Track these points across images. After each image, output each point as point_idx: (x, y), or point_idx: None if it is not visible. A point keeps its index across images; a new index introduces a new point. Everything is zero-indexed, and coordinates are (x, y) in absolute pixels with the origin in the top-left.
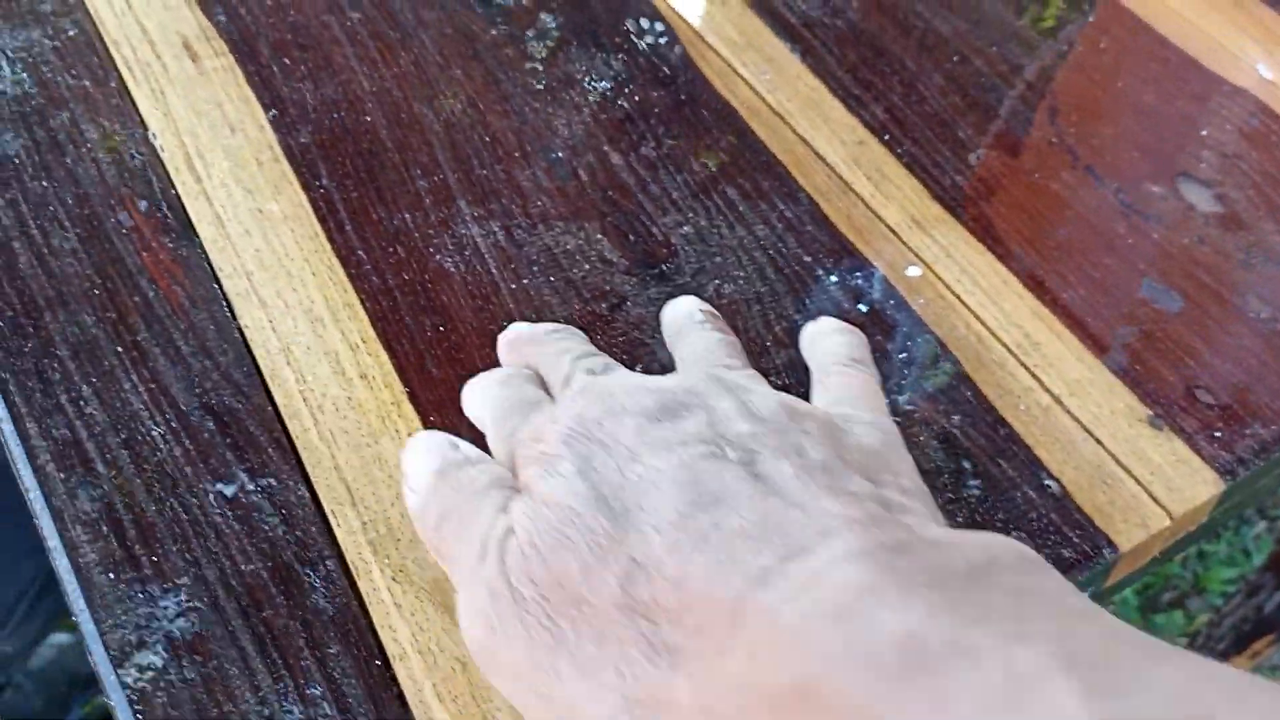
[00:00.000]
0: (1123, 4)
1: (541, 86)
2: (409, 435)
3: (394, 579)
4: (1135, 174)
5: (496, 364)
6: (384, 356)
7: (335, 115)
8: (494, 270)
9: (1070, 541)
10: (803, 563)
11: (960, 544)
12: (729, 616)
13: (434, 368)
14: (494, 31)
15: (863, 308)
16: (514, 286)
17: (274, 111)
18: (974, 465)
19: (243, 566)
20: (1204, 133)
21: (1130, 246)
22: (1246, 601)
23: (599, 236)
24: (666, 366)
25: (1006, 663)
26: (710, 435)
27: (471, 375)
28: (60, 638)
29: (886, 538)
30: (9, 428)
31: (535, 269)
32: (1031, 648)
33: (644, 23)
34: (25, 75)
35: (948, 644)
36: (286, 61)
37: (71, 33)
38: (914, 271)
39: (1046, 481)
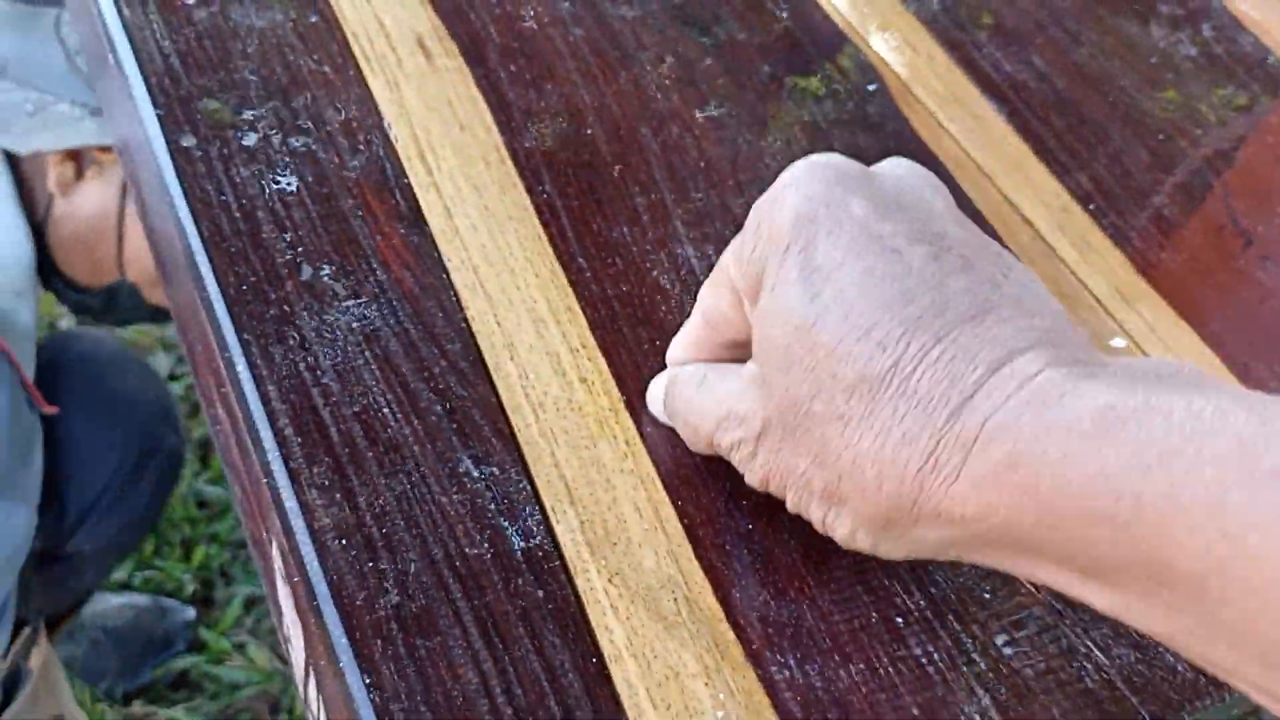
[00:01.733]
0: None
1: (753, 119)
2: (626, 443)
3: (610, 581)
4: None
5: None
6: (602, 363)
7: (558, 125)
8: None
9: None
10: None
11: (1146, 363)
12: (951, 418)
13: (650, 380)
14: (708, 61)
15: None
16: None
17: (501, 115)
18: None
19: (467, 550)
20: None
21: None
22: None
23: None
24: None
25: (1188, 405)
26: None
27: None
28: (140, 600)
29: (1081, 355)
30: (251, 389)
31: None
32: (1210, 398)
33: (854, 69)
34: (271, 56)
35: (1140, 405)
36: (512, 68)
37: (313, 19)
38: (1119, 343)
39: None
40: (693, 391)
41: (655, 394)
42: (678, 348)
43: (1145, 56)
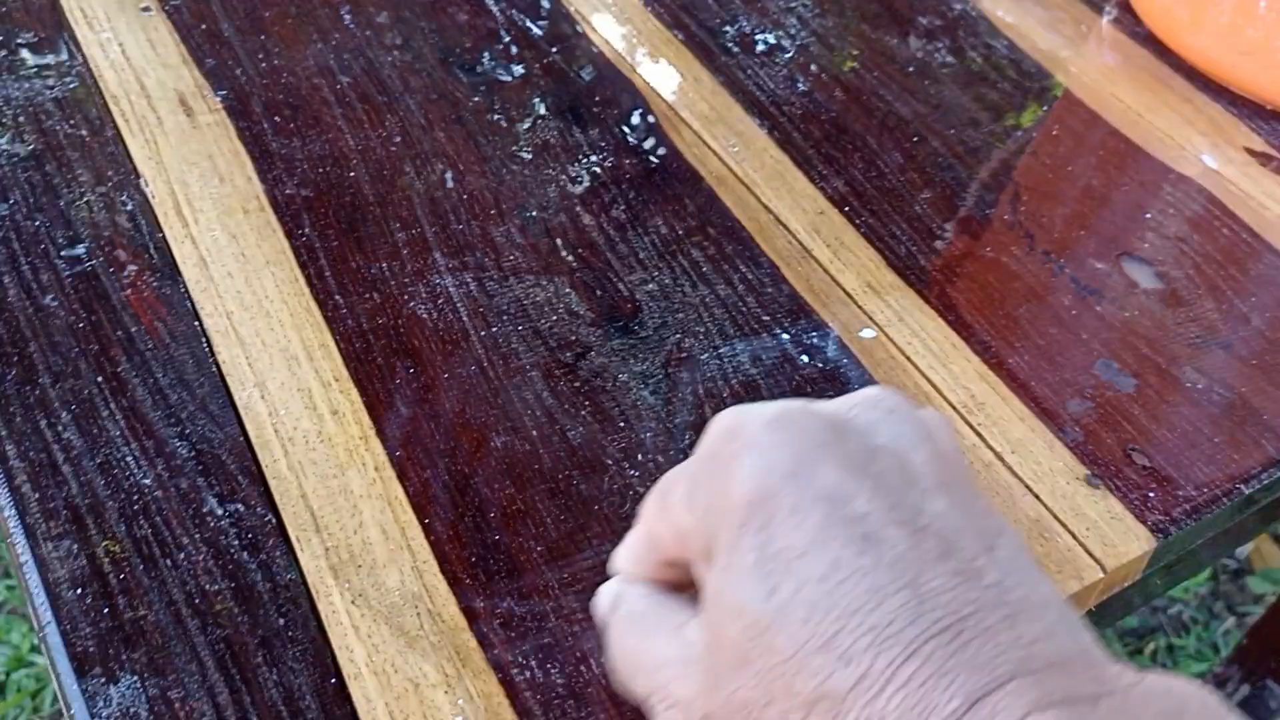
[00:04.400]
0: (1077, 96)
1: (518, 151)
2: (375, 469)
3: (353, 603)
4: (1083, 252)
5: (465, 402)
6: (355, 394)
7: (321, 170)
8: (465, 318)
9: None
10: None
11: (1148, 692)
12: None
13: (403, 406)
14: (476, 99)
15: (818, 365)
16: (483, 333)
17: (263, 164)
18: None
19: (207, 587)
20: (1148, 216)
21: (1075, 318)
22: None
23: (567, 290)
24: (625, 412)
25: None
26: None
27: (439, 416)
28: None
29: (1071, 686)
30: None
31: (505, 318)
32: None
33: (620, 98)
34: (26, 123)
35: None
36: (277, 119)
37: (73, 85)
38: (868, 334)
39: None
40: (633, 641)
41: (602, 603)
42: (620, 557)
43: (903, 66)
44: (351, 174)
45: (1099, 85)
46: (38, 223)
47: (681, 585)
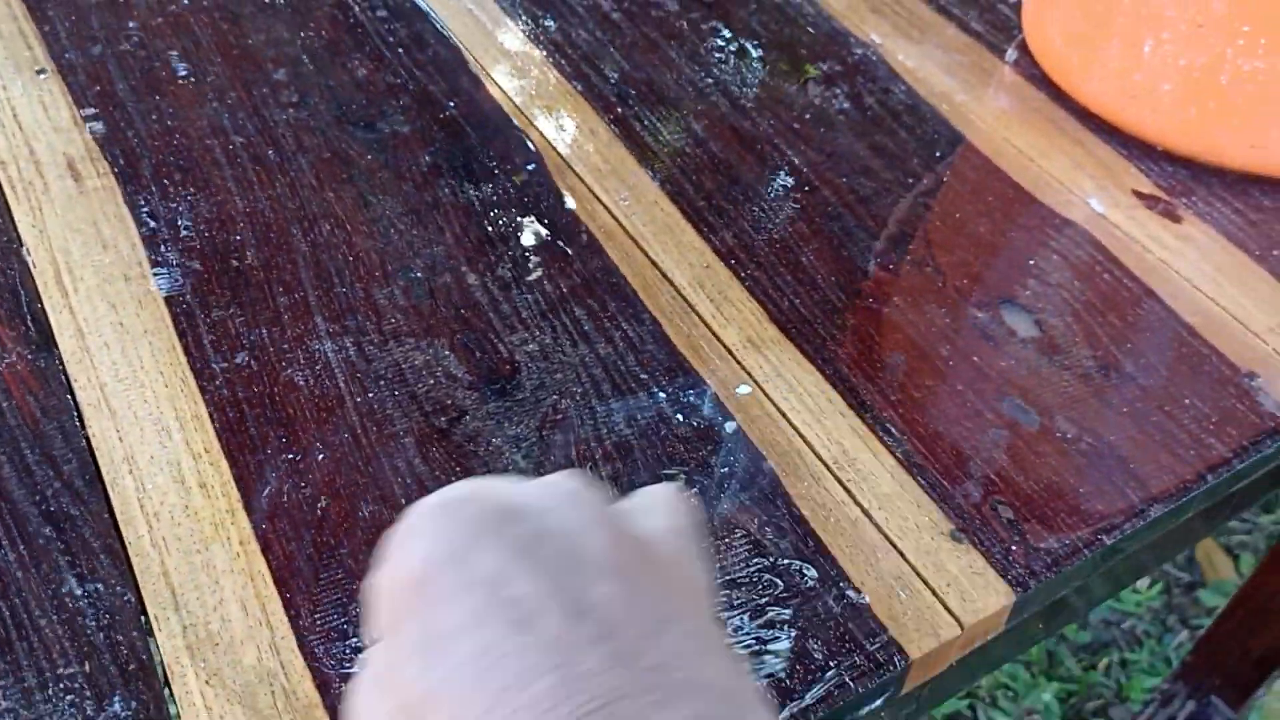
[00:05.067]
0: (972, 142)
1: (409, 209)
2: (240, 543)
3: (207, 682)
4: (965, 301)
5: (336, 471)
6: (225, 466)
7: (207, 234)
8: (341, 384)
9: (864, 649)
10: None
11: None
12: None
13: (272, 477)
14: (369, 157)
15: (692, 424)
16: (359, 400)
17: (148, 229)
18: (780, 575)
19: (61, 670)
20: (1032, 263)
21: (952, 368)
22: (1161, 710)
23: (447, 353)
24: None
25: None
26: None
27: (308, 486)
28: None
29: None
30: None
31: (382, 383)
32: None
33: (515, 152)
34: None
35: None
36: (165, 183)
37: None
38: (744, 390)
39: (848, 591)
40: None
41: None
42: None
43: (800, 113)
44: (238, 237)
45: (994, 130)
46: None
47: None
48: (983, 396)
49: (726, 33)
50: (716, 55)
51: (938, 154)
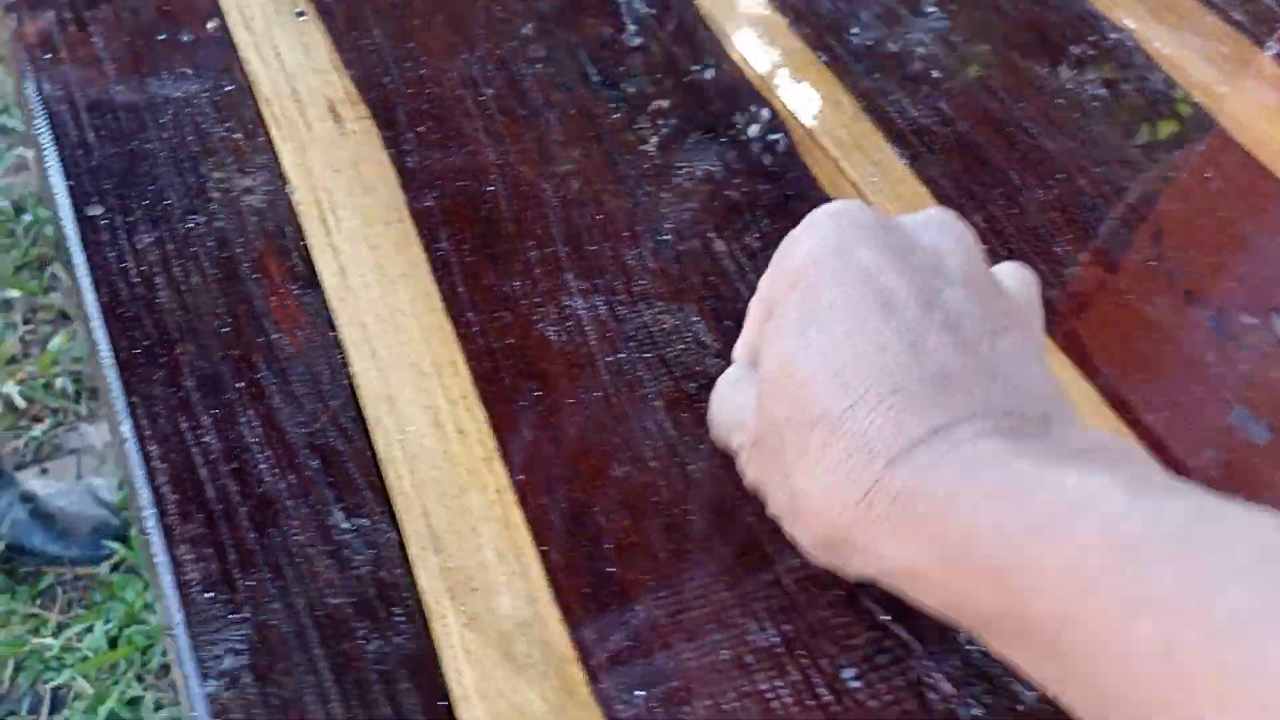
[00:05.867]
0: (1231, 136)
1: (655, 171)
2: (496, 491)
3: (466, 625)
4: (1230, 303)
5: (588, 428)
6: (480, 414)
7: (460, 183)
8: (593, 342)
9: None
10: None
11: (1076, 435)
12: (887, 467)
13: (526, 429)
14: (615, 115)
15: None
16: (609, 359)
17: (405, 175)
18: None
19: (329, 599)
20: None
21: (1219, 375)
22: None
23: (695, 318)
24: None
25: (1080, 480)
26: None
27: (562, 441)
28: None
29: (1027, 426)
30: (133, 449)
31: (632, 344)
32: (1105, 475)
33: (758, 118)
34: (184, 123)
35: (1040, 477)
36: (420, 129)
37: (228, 88)
38: None
39: None
40: (725, 390)
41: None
42: (737, 349)
43: (1051, 98)
44: (490, 189)
45: (1256, 125)
46: (190, 225)
47: None
48: (1253, 406)
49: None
50: (966, 33)
51: (1198, 148)
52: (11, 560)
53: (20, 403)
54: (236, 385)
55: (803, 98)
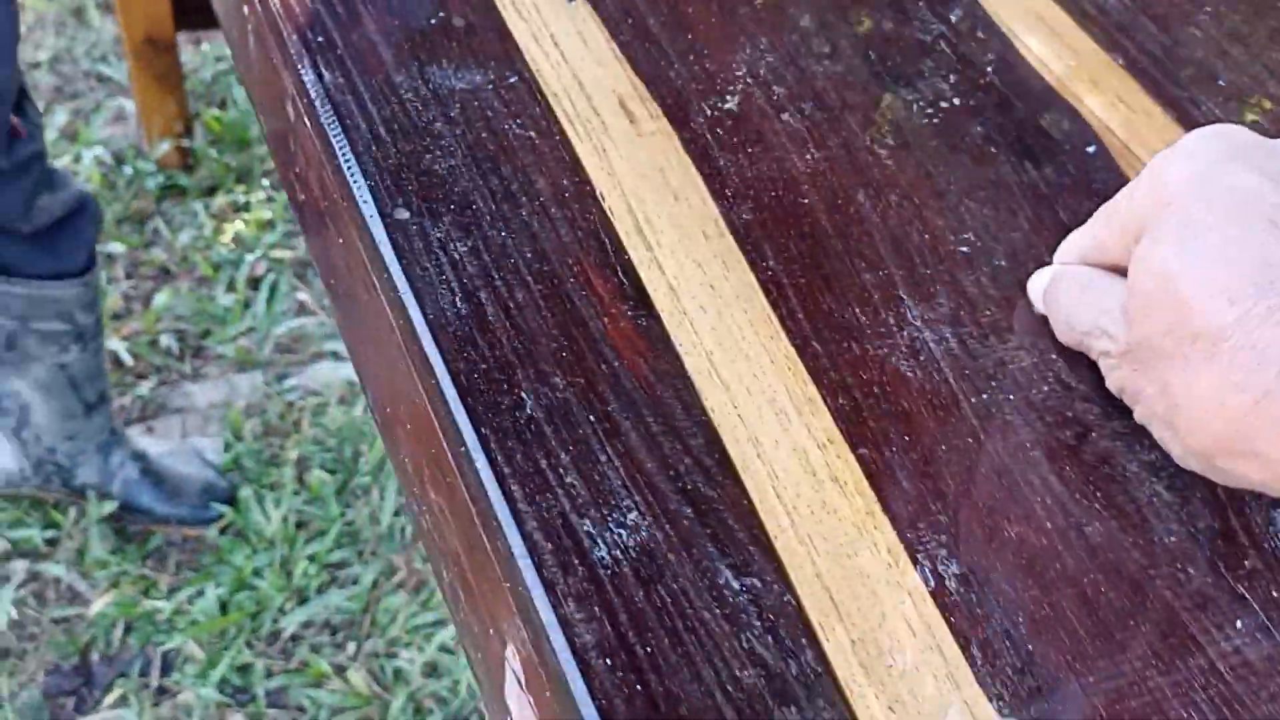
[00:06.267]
0: None
1: (970, 183)
2: (888, 551)
3: (890, 708)
4: None
5: (969, 481)
6: (852, 460)
7: (773, 193)
8: (952, 381)
9: None
10: None
11: None
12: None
13: (905, 480)
14: (920, 121)
15: None
16: (974, 401)
17: (714, 183)
18: None
19: (738, 672)
20: None
21: None
22: None
23: (1054, 356)
24: (1142, 509)
25: None
26: None
27: (944, 496)
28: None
29: None
30: (494, 489)
31: (993, 384)
32: None
33: (1071, 130)
34: (474, 118)
35: None
36: (719, 131)
37: (512, 80)
38: None
39: None
40: (1077, 293)
41: (1037, 286)
42: (1068, 251)
43: None
44: (804, 200)
45: None
46: (504, 234)
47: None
48: None
49: None
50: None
51: None
52: (120, 519)
53: (128, 359)
54: (589, 418)
55: (1110, 104)
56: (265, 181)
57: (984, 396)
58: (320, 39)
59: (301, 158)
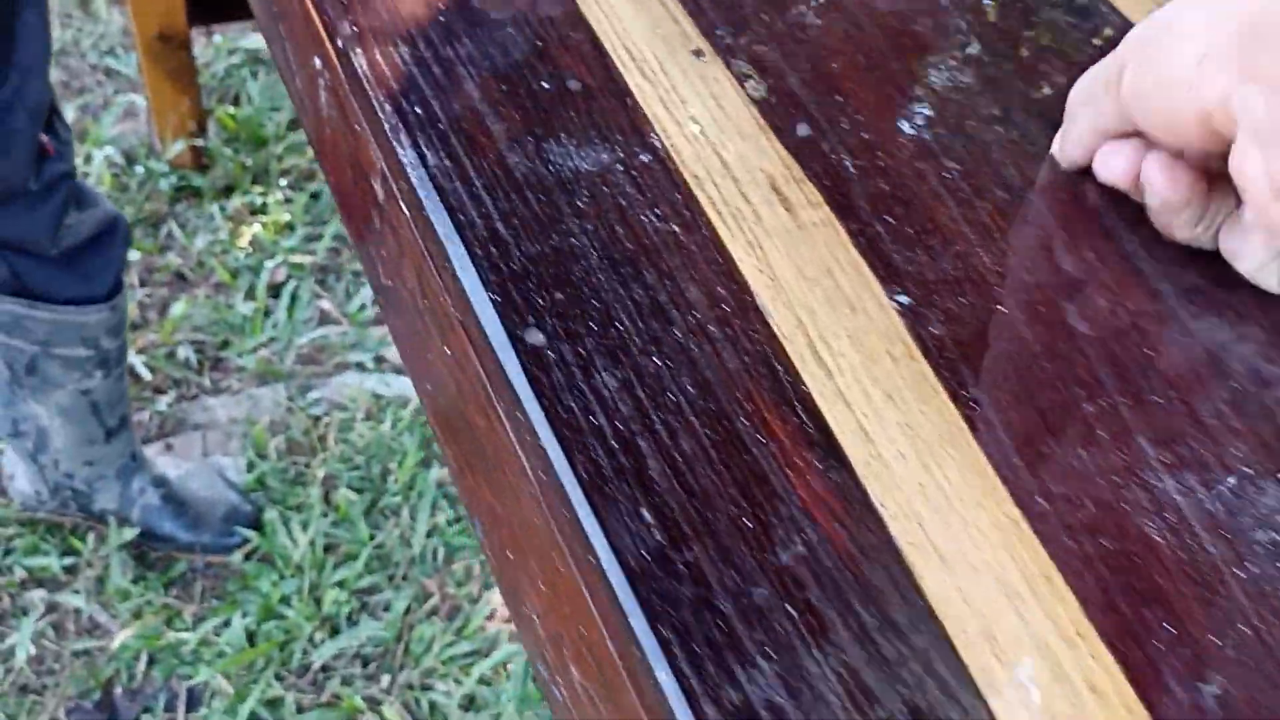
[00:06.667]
0: None
1: (1186, 286)
2: None
3: None
4: None
5: (1254, 690)
6: (1109, 660)
7: (960, 299)
8: (1208, 547)
9: None
10: None
11: None
12: None
13: (1175, 684)
14: (1109, 200)
15: None
16: (1240, 574)
17: (893, 286)
18: None
19: None
20: None
21: None
22: None
23: None
24: None
25: None
26: None
27: (1228, 703)
28: None
29: None
30: (679, 705)
31: (1259, 550)
32: None
33: None
34: (607, 208)
35: None
36: (889, 219)
37: (644, 158)
38: None
39: None
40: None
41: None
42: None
43: None
44: (1001, 309)
45: None
46: (658, 362)
47: None
48: None
49: None
50: None
51: None
52: (142, 546)
53: (145, 374)
54: (789, 611)
55: None
56: (283, 181)
57: (1250, 568)
58: (419, 110)
59: (393, 241)
